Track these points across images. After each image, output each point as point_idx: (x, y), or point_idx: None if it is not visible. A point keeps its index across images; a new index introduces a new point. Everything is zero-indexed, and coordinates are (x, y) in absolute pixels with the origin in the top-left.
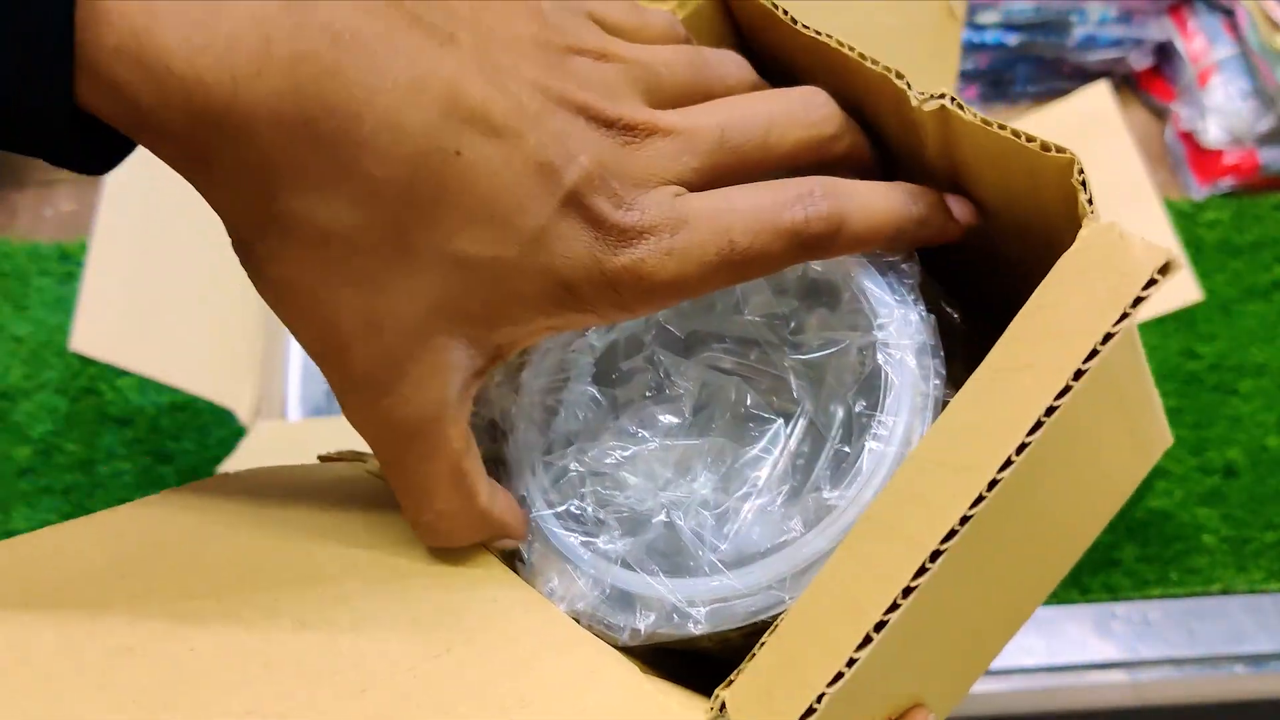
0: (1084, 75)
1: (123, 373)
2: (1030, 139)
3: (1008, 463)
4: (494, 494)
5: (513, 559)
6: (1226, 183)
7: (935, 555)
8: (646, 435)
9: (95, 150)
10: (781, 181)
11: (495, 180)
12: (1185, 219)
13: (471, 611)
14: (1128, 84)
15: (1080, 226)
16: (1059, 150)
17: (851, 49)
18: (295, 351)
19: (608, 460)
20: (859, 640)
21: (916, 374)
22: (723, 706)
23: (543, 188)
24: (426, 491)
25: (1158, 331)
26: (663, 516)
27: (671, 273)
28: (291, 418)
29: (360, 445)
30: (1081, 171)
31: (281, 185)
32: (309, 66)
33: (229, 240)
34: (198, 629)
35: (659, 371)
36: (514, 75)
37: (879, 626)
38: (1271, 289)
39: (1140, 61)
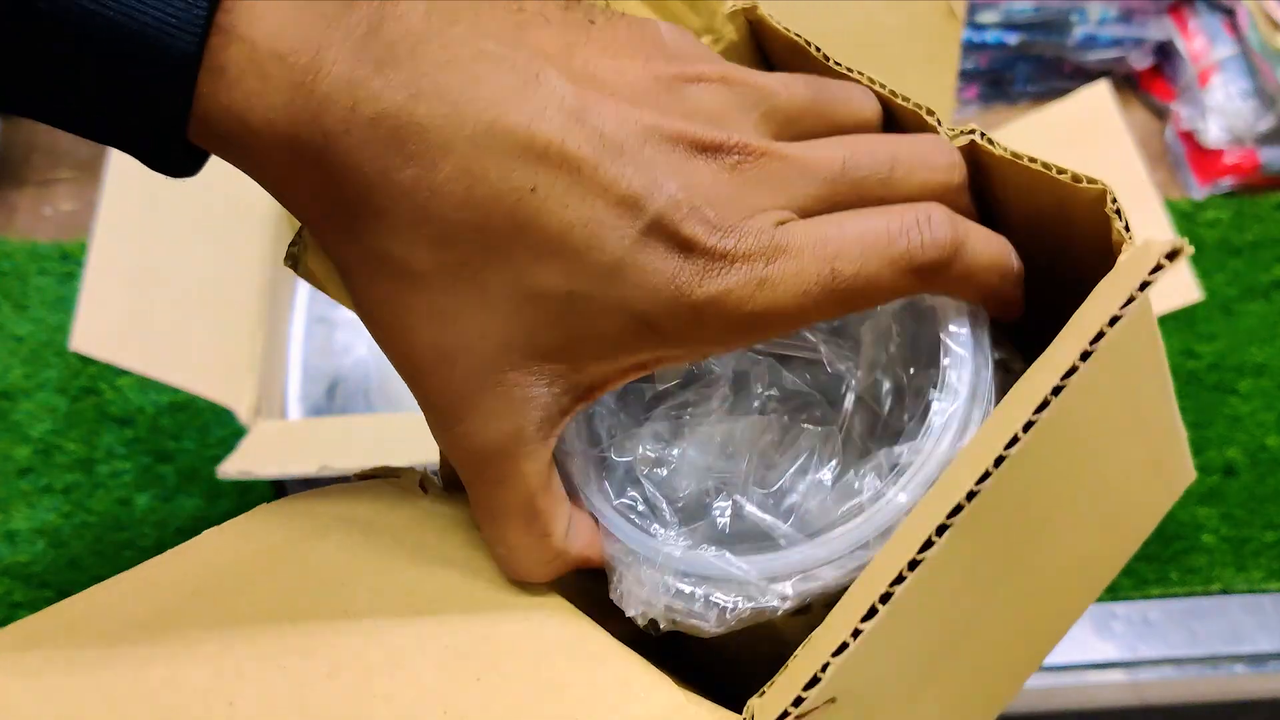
0: (1084, 75)
1: (123, 372)
2: (1061, 171)
3: (1000, 459)
4: (575, 529)
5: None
6: (1226, 182)
7: (930, 543)
8: (687, 420)
9: (194, 161)
10: (897, 206)
11: (569, 214)
12: (1185, 219)
13: (502, 635)
14: (1128, 84)
15: (1116, 253)
16: (1090, 181)
17: (883, 86)
18: (295, 351)
19: (652, 452)
20: (838, 643)
21: (970, 330)
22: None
23: (622, 219)
24: (498, 522)
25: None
26: (721, 500)
27: (763, 304)
28: (291, 417)
29: (391, 460)
30: (1115, 201)
31: (366, 226)
32: (390, 122)
33: (228, 240)
34: (236, 683)
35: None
36: (601, 109)
37: (869, 615)
38: (1271, 289)
39: (1140, 61)
